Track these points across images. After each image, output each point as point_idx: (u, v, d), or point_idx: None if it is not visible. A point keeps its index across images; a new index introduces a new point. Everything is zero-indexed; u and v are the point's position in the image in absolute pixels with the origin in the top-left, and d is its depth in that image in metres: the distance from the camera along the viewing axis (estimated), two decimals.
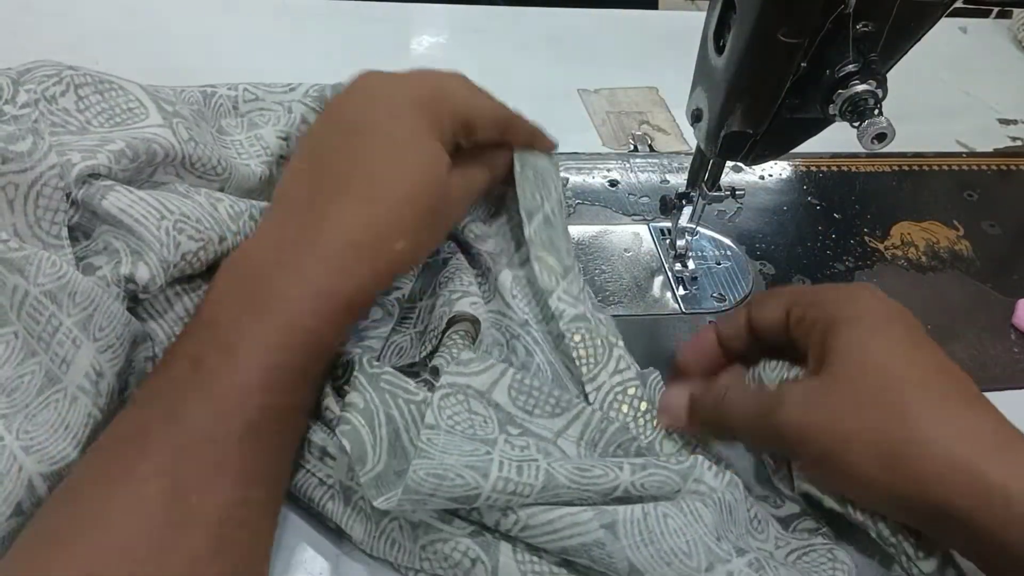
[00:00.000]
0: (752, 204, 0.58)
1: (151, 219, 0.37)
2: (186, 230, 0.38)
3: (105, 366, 0.35)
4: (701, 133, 0.43)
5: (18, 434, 0.33)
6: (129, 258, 0.37)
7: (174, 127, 0.40)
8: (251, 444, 0.31)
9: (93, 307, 0.35)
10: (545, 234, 0.43)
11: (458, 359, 0.37)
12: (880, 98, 0.37)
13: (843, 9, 0.34)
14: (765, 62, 0.36)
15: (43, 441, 0.33)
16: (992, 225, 0.60)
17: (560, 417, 0.38)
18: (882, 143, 0.37)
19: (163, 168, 0.40)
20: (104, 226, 0.37)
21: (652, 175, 0.60)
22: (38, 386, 0.34)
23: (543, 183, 0.44)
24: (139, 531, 0.28)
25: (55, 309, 0.34)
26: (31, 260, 0.34)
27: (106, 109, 0.40)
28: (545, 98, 0.62)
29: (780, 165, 0.62)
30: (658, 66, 0.71)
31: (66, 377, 0.34)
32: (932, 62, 0.77)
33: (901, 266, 0.55)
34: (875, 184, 0.62)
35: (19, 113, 0.37)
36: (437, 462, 0.32)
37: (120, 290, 0.36)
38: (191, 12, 0.67)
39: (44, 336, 0.34)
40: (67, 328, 0.34)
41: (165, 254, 0.37)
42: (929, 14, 0.36)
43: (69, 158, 0.36)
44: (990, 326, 0.52)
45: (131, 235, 0.37)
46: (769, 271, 0.53)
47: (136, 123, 0.40)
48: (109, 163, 0.37)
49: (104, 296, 0.35)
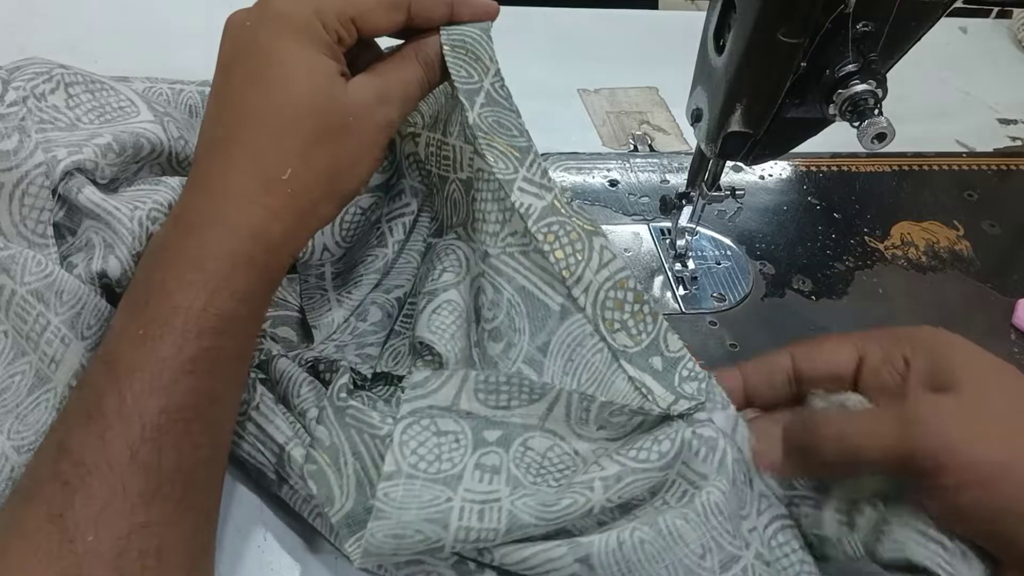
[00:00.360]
0: (752, 204, 0.58)
1: (124, 210, 0.37)
2: (159, 219, 0.37)
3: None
4: (701, 133, 0.43)
5: (9, 434, 0.33)
6: (101, 252, 0.36)
7: (164, 124, 0.40)
8: (147, 457, 0.29)
9: (80, 305, 0.35)
10: (491, 116, 0.37)
11: (414, 382, 0.34)
12: (880, 98, 0.37)
13: (843, 9, 0.34)
14: (765, 62, 0.36)
15: (34, 441, 0.33)
16: (992, 225, 0.60)
17: (540, 402, 0.35)
18: (882, 143, 0.37)
19: (148, 167, 0.40)
20: (87, 221, 0.37)
21: (652, 175, 0.59)
22: (28, 386, 0.34)
23: (476, 58, 0.37)
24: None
25: (42, 308, 0.34)
26: (16, 259, 0.34)
27: (97, 107, 0.40)
28: (545, 98, 0.62)
29: (780, 165, 0.62)
30: (658, 66, 0.71)
31: (55, 376, 0.34)
32: (932, 62, 0.77)
33: (901, 266, 0.55)
34: (875, 184, 0.62)
35: (6, 112, 0.36)
36: (394, 521, 0.31)
37: (96, 286, 0.36)
38: (191, 12, 0.67)
39: (32, 335, 0.34)
40: (55, 327, 0.34)
41: (137, 246, 0.36)
42: (929, 14, 0.36)
43: (55, 154, 0.36)
44: (990, 326, 0.52)
45: (107, 228, 0.37)
46: (769, 271, 0.53)
47: (127, 120, 0.40)
48: (95, 157, 0.37)
49: (90, 294, 0.35)
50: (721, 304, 0.50)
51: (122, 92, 0.41)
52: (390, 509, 0.31)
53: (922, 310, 0.52)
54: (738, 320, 0.50)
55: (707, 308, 0.50)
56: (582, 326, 0.36)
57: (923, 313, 0.52)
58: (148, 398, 0.29)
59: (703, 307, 0.50)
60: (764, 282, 0.53)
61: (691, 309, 0.50)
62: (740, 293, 0.51)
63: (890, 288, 0.54)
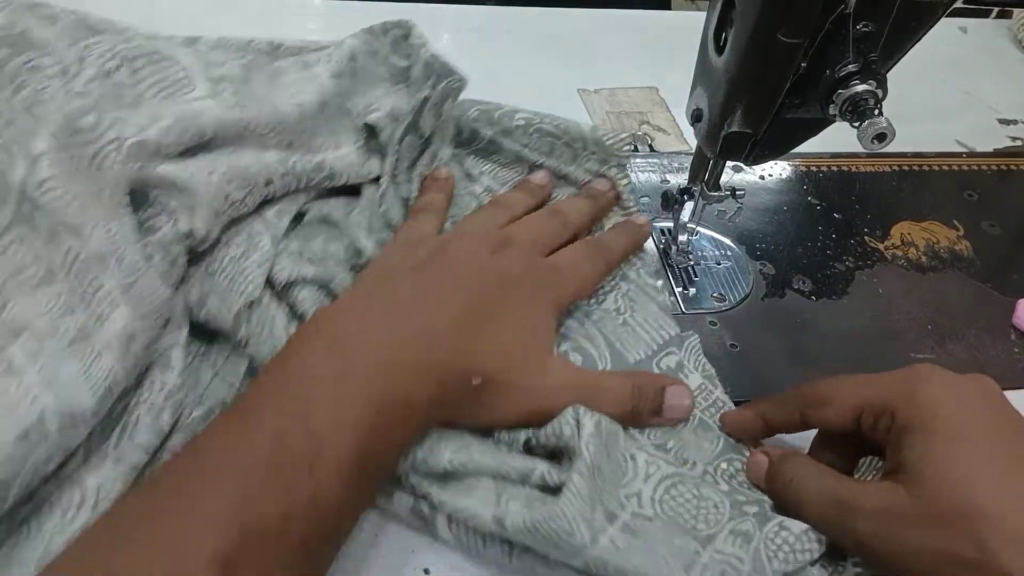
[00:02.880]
0: (752, 204, 0.58)
1: (200, 175, 0.41)
2: (234, 180, 0.42)
3: (138, 332, 0.38)
4: (701, 133, 0.43)
5: (40, 371, 0.35)
6: (185, 215, 0.41)
7: (219, 95, 0.44)
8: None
9: (136, 276, 0.38)
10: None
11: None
12: (880, 98, 0.37)
13: (843, 9, 0.34)
14: (765, 62, 0.36)
15: (63, 383, 0.35)
16: (992, 225, 0.60)
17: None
18: (882, 143, 0.37)
19: (215, 142, 0.44)
20: (158, 190, 0.41)
21: (652, 175, 0.59)
22: (71, 338, 0.36)
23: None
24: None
25: (100, 271, 0.37)
26: (86, 224, 0.37)
27: (158, 81, 0.43)
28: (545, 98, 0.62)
29: (780, 165, 0.63)
30: (658, 66, 0.71)
31: (98, 334, 0.37)
32: (932, 62, 0.77)
33: (901, 266, 0.55)
34: (875, 184, 0.62)
35: (83, 89, 0.40)
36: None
37: (181, 247, 0.41)
38: (192, 11, 0.67)
39: (86, 295, 0.37)
40: (108, 289, 0.37)
41: (216, 205, 0.41)
42: (929, 14, 0.36)
43: (125, 131, 0.40)
44: (990, 326, 0.52)
45: (184, 193, 0.41)
46: (769, 271, 0.53)
47: (184, 93, 0.44)
48: (159, 136, 0.41)
49: (148, 270, 0.39)
50: (721, 304, 0.50)
51: (180, 60, 0.45)
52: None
53: (922, 310, 0.52)
54: (738, 320, 0.50)
55: (707, 308, 0.50)
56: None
57: (923, 313, 0.52)
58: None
59: (703, 307, 0.50)
60: (764, 282, 0.53)
61: (691, 309, 0.50)
62: (740, 293, 0.51)
63: (890, 288, 0.54)
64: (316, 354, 0.35)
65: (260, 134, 0.45)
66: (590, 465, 0.35)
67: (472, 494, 0.36)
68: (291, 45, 0.52)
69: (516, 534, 0.34)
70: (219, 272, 0.42)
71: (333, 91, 0.49)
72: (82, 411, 0.34)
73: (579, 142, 0.50)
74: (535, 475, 0.36)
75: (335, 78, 0.49)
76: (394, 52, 0.52)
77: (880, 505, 0.33)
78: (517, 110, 0.52)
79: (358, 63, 0.51)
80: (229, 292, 0.41)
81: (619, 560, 0.33)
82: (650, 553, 0.33)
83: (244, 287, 0.41)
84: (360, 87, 0.51)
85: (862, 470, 0.39)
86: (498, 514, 0.35)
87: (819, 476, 0.36)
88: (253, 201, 0.44)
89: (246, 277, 0.42)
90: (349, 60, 0.50)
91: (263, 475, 0.30)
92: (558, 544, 0.33)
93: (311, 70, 0.49)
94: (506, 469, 0.36)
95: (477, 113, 0.52)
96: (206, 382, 0.41)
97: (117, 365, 0.36)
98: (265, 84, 0.47)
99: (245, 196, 0.43)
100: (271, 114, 0.45)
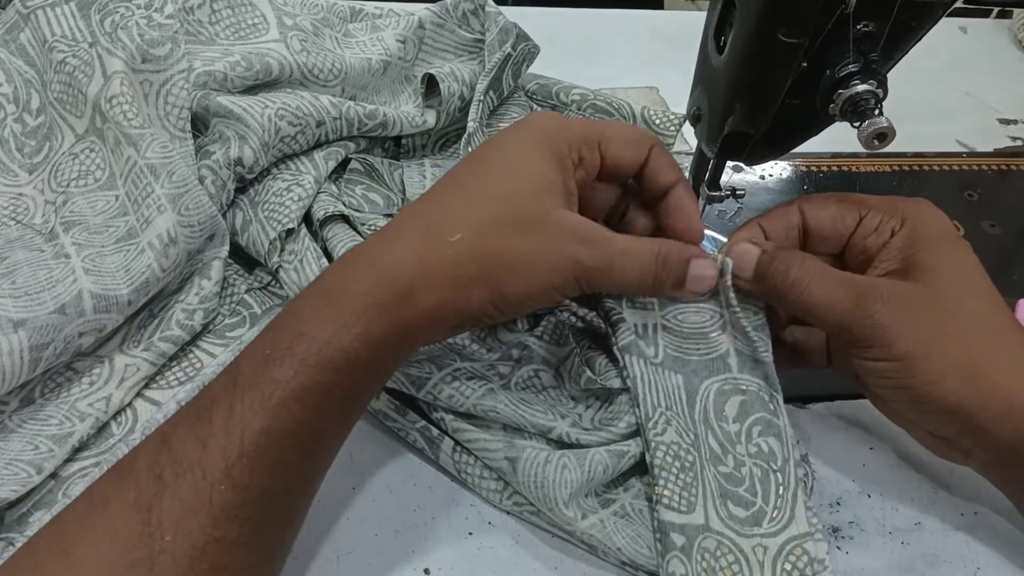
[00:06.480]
0: (752, 204, 0.58)
1: (255, 108, 0.45)
2: (286, 116, 0.46)
3: (180, 237, 0.42)
4: (701, 133, 0.43)
5: (84, 259, 0.41)
6: (236, 143, 0.45)
7: (288, 40, 0.48)
8: (239, 474, 0.29)
9: (185, 188, 0.42)
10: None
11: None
12: (880, 98, 0.37)
13: (843, 9, 0.34)
14: (765, 62, 0.36)
15: (104, 272, 0.40)
16: (992, 225, 0.60)
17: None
18: (882, 143, 0.37)
19: (283, 82, 0.48)
20: (220, 119, 0.45)
21: None
22: (118, 236, 0.42)
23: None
24: (106, 565, 0.27)
25: (152, 179, 0.42)
26: (144, 137, 0.42)
27: (234, 23, 0.48)
28: None
29: (780, 165, 0.62)
30: (658, 66, 0.71)
31: (143, 234, 0.42)
32: (932, 62, 0.77)
33: None
34: (875, 184, 0.62)
35: (164, 22, 0.45)
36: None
37: (230, 172, 0.45)
38: None
39: (138, 199, 0.42)
40: (157, 195, 0.42)
41: (266, 138, 0.45)
42: (929, 14, 0.36)
43: (193, 64, 0.45)
44: None
45: (239, 123, 0.45)
46: None
47: (256, 38, 0.48)
48: (226, 70, 0.45)
49: (198, 187, 0.43)
50: None
51: (258, 6, 0.49)
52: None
53: None
54: None
55: None
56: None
57: None
58: (254, 416, 0.30)
59: None
60: None
61: None
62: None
63: None
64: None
65: (324, 81, 0.49)
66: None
67: (489, 431, 0.39)
68: (370, 12, 0.56)
69: (523, 478, 0.37)
70: (263, 203, 0.46)
71: (398, 54, 0.52)
72: (116, 297, 0.40)
73: (630, 119, 0.55)
74: (553, 433, 0.39)
75: (401, 42, 0.53)
76: (461, 25, 0.56)
77: (902, 293, 0.35)
78: (574, 86, 0.57)
79: (426, 31, 0.55)
80: (268, 221, 0.45)
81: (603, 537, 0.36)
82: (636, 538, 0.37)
83: (282, 218, 0.45)
84: (426, 56, 0.55)
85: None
86: (511, 455, 0.37)
87: (825, 267, 0.37)
88: (305, 140, 0.47)
89: (286, 209, 0.45)
90: (417, 27, 0.54)
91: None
92: (551, 512, 0.36)
93: (379, 32, 0.53)
94: (525, 424, 0.39)
95: (536, 87, 0.58)
96: (239, 295, 0.46)
97: (155, 264, 0.41)
98: (333, 40, 0.52)
99: (296, 133, 0.46)
100: (336, 64, 0.49)
